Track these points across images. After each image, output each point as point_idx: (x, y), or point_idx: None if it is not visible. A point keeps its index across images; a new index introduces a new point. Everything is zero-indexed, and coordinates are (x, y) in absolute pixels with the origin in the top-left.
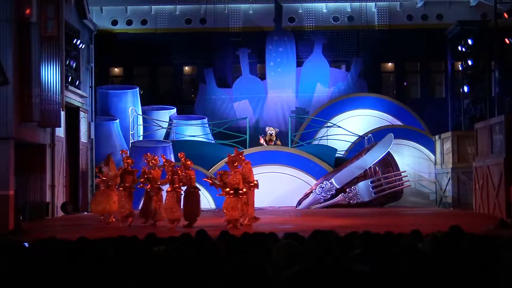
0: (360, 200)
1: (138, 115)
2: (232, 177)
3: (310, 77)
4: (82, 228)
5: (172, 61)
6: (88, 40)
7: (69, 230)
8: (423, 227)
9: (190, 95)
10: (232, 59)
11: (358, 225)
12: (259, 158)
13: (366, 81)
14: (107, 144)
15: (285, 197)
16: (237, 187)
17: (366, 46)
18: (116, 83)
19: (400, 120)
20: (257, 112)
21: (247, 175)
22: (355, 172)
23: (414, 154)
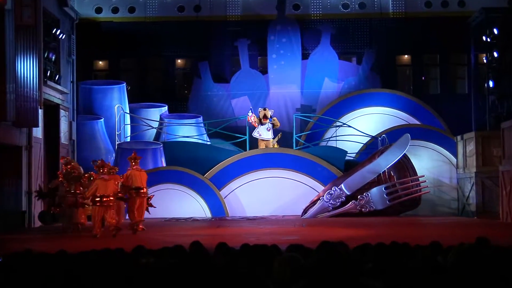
0: (373, 208)
1: (125, 113)
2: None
3: (317, 71)
4: (63, 240)
5: (163, 54)
6: (69, 30)
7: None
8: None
9: (183, 91)
10: (230, 51)
11: (371, 236)
12: (260, 161)
13: (379, 76)
14: (91, 146)
15: (289, 205)
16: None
17: (380, 37)
18: (100, 78)
19: (417, 119)
20: (257, 110)
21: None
22: (368, 177)
23: (434, 157)
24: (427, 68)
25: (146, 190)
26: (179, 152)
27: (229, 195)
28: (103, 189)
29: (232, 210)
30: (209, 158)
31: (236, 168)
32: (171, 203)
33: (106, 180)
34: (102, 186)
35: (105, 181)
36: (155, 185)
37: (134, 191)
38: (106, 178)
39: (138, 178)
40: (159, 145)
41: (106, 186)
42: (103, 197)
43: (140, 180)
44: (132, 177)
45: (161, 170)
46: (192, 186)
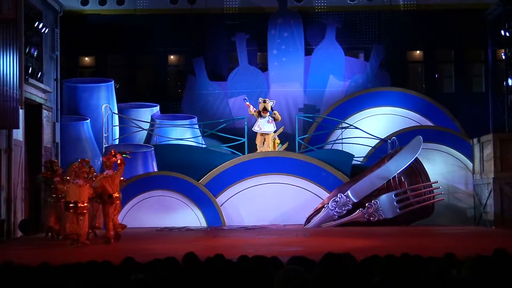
0: (382, 217)
1: (113, 114)
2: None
3: (321, 68)
4: (46, 251)
5: (155, 49)
6: (52, 23)
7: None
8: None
9: (176, 89)
10: (227, 47)
11: (380, 247)
12: (260, 166)
13: (389, 73)
14: (76, 149)
15: (291, 214)
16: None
17: (389, 31)
18: (86, 75)
19: (430, 120)
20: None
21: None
22: (376, 183)
23: (448, 161)
24: (441, 65)
25: (119, 194)
26: (171, 156)
27: (226, 202)
28: (75, 195)
29: (229, 219)
30: (204, 163)
31: (234, 174)
32: (163, 212)
33: (80, 185)
34: (74, 192)
35: (79, 186)
36: (145, 191)
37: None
38: (80, 184)
39: (109, 182)
40: (150, 148)
41: (79, 192)
42: (77, 203)
43: (111, 184)
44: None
45: (152, 175)
46: (185, 193)
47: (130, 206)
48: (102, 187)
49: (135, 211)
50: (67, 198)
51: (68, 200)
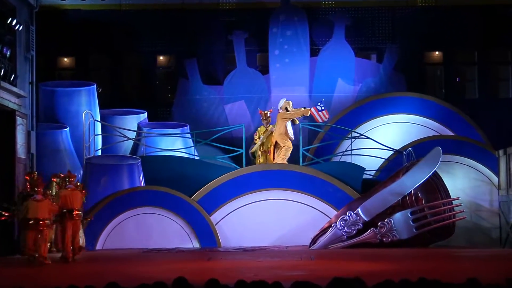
0: (396, 237)
1: (96, 121)
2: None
3: (328, 70)
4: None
5: (142, 49)
6: (27, 20)
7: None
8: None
9: (166, 94)
10: (223, 47)
11: (393, 271)
12: (259, 180)
13: (404, 76)
14: (54, 161)
15: (295, 234)
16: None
17: (405, 29)
18: (65, 78)
19: (450, 129)
20: (256, 117)
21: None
22: (390, 199)
23: (470, 175)
24: (463, 67)
25: (79, 211)
26: (160, 169)
27: (221, 221)
28: (33, 211)
29: (225, 239)
30: (197, 176)
31: (230, 189)
32: (151, 231)
33: (38, 201)
34: (33, 208)
35: (37, 202)
36: (131, 208)
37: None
38: (38, 199)
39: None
40: (136, 160)
41: (38, 208)
42: (37, 221)
43: (71, 201)
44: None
45: (139, 190)
46: (176, 210)
47: (114, 225)
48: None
49: (119, 231)
50: (26, 215)
51: (28, 217)
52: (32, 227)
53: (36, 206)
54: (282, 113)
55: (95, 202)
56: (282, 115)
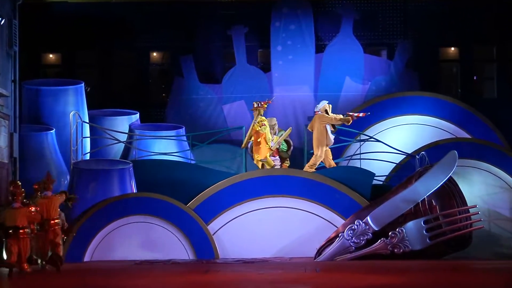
0: (408, 248)
1: (84, 123)
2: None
3: (335, 68)
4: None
5: (134, 45)
6: (10, 14)
7: None
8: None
9: (160, 94)
10: (221, 42)
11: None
12: (261, 186)
13: (417, 74)
14: (38, 166)
15: (299, 244)
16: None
17: (418, 23)
18: (51, 76)
19: (467, 131)
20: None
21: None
22: (402, 207)
23: (489, 181)
24: (480, 65)
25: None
26: (154, 174)
27: (219, 230)
28: (11, 219)
29: (223, 250)
30: (193, 182)
31: (229, 195)
32: (144, 241)
33: (16, 209)
34: (10, 216)
35: (15, 210)
36: (122, 217)
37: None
38: (16, 207)
39: (45, 207)
40: (127, 164)
41: (15, 216)
42: (17, 229)
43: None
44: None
45: (130, 197)
46: (171, 218)
47: (103, 235)
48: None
49: (109, 241)
50: (4, 223)
51: (6, 226)
52: (12, 236)
53: (14, 214)
54: (321, 116)
55: (83, 210)
56: (321, 117)
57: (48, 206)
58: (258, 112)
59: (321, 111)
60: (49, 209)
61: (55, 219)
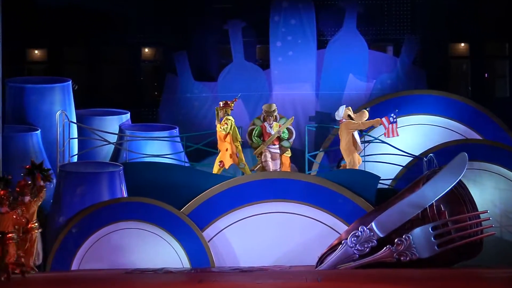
0: (415, 256)
1: (71, 123)
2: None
3: (338, 65)
4: None
5: (124, 40)
6: None
7: None
8: None
9: (153, 92)
10: (217, 37)
11: None
12: (259, 190)
13: (425, 72)
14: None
15: (299, 252)
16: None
17: (426, 18)
18: (36, 73)
19: (478, 132)
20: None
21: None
22: (408, 212)
23: (500, 185)
24: (492, 61)
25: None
26: (145, 177)
27: (215, 237)
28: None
29: (219, 258)
30: (187, 186)
31: (226, 200)
32: (135, 249)
33: (2, 214)
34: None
35: (1, 215)
36: (111, 223)
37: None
38: (2, 212)
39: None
40: (118, 167)
41: (1, 222)
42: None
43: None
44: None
45: (121, 202)
46: (163, 224)
47: (92, 242)
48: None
49: (98, 248)
50: None
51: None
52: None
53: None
54: (347, 124)
55: (71, 216)
56: (347, 125)
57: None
58: (224, 111)
59: (344, 118)
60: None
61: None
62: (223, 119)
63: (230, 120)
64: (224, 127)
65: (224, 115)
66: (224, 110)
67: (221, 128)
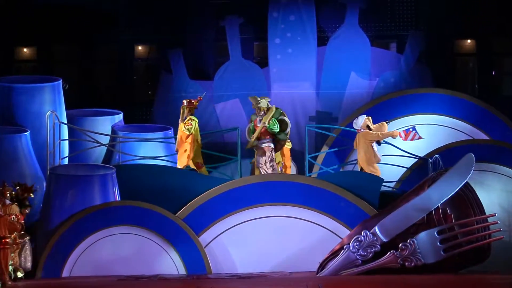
0: (420, 261)
1: (62, 124)
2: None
3: (339, 62)
4: None
5: (117, 37)
6: None
7: None
8: None
9: (146, 91)
10: (213, 34)
11: None
12: (258, 193)
13: (430, 69)
14: (11, 171)
15: (299, 257)
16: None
17: (431, 13)
18: (25, 72)
19: (485, 132)
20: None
21: None
22: (413, 216)
23: (509, 187)
24: (500, 58)
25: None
26: (139, 180)
27: (212, 242)
28: None
29: (216, 264)
30: (183, 189)
31: (223, 204)
32: (128, 255)
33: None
34: None
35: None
36: (104, 228)
37: None
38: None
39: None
40: (110, 170)
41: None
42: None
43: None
44: None
45: (113, 206)
46: (158, 229)
47: (84, 248)
48: None
49: (90, 255)
50: None
51: None
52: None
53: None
54: (365, 134)
55: (61, 220)
56: (366, 136)
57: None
58: (188, 110)
59: (362, 128)
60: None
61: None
62: (187, 119)
63: (194, 121)
64: (188, 127)
65: (188, 114)
66: (189, 109)
67: (184, 128)
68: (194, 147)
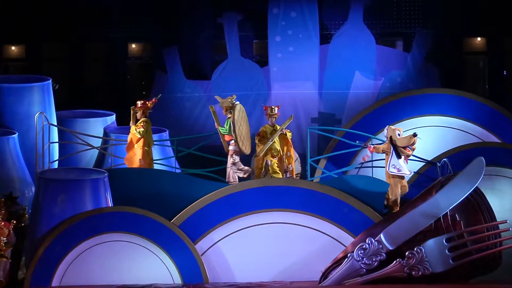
0: (428, 270)
1: (52, 125)
2: None
3: (343, 61)
4: None
5: (109, 35)
6: None
7: None
8: None
9: (140, 91)
10: (211, 32)
11: None
12: (257, 199)
13: (438, 69)
14: None
15: (301, 266)
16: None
17: (439, 10)
18: (13, 71)
19: (496, 135)
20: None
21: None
22: (421, 223)
23: None
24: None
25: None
26: (133, 185)
27: (209, 250)
28: None
29: (213, 273)
30: (179, 194)
31: (220, 210)
32: (121, 263)
33: None
34: None
35: None
36: (96, 235)
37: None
38: None
39: None
40: (102, 174)
41: None
42: None
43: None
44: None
45: (106, 212)
46: (152, 236)
47: (75, 255)
48: None
49: (81, 263)
50: None
51: None
52: None
53: None
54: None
55: (51, 227)
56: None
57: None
58: (141, 112)
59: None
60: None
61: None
62: (140, 121)
63: (148, 124)
64: (140, 130)
65: (141, 116)
66: (142, 111)
67: (136, 131)
68: (144, 152)
